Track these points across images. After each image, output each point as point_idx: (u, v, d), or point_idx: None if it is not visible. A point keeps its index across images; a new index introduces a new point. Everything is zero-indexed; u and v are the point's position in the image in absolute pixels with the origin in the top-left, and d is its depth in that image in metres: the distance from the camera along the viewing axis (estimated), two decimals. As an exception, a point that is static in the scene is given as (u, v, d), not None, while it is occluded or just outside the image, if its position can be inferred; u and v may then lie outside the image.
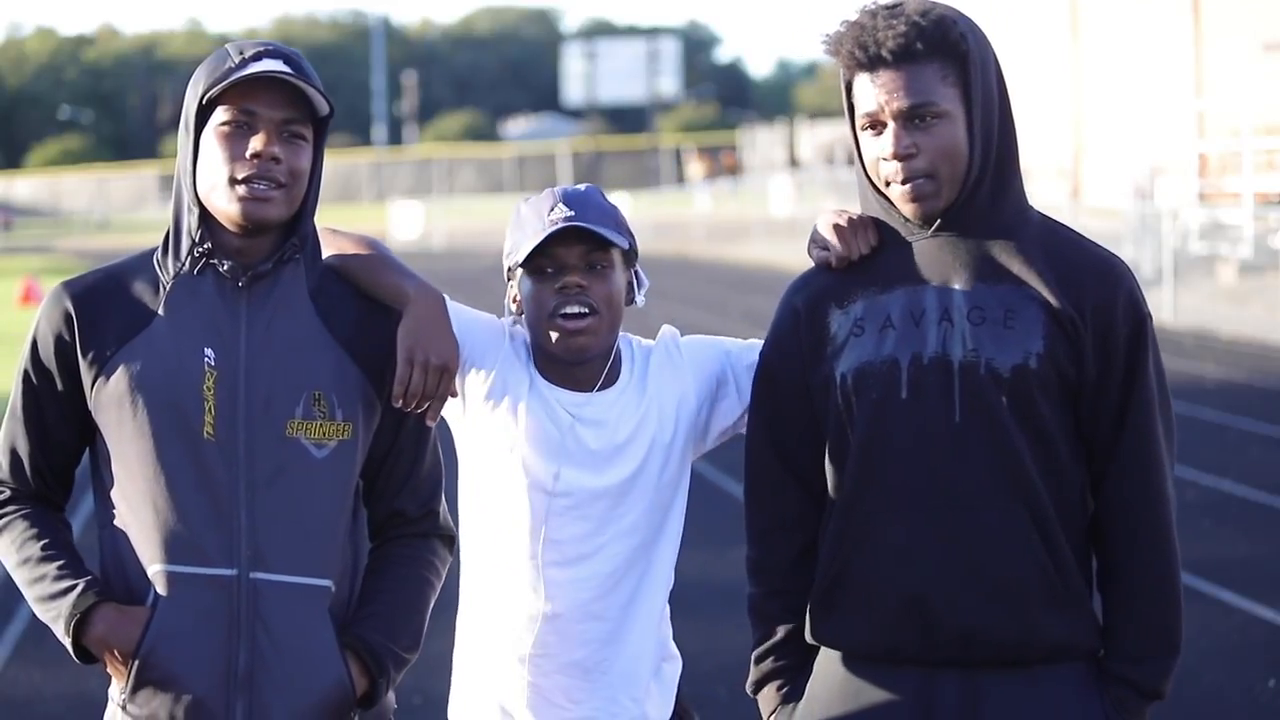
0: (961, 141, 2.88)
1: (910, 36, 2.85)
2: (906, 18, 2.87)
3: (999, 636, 2.87)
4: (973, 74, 2.88)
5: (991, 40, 2.97)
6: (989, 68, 2.91)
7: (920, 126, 2.86)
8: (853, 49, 2.89)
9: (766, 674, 3.05)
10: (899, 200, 2.90)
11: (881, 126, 2.89)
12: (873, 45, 2.87)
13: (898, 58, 2.86)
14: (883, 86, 2.87)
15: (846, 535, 2.93)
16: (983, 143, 2.89)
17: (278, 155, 2.87)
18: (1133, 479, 2.92)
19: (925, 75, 2.86)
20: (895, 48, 2.85)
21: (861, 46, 2.88)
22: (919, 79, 2.86)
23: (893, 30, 2.86)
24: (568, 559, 3.13)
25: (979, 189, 2.90)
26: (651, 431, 3.16)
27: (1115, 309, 2.90)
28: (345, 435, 2.93)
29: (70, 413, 2.95)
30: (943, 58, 2.86)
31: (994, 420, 2.86)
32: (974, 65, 2.88)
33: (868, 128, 2.90)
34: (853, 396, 2.91)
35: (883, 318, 2.92)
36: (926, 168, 2.87)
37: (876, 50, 2.86)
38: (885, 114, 2.87)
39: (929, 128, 2.86)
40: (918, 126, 2.86)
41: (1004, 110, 2.93)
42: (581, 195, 3.15)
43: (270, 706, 2.87)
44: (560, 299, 3.09)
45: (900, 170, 2.87)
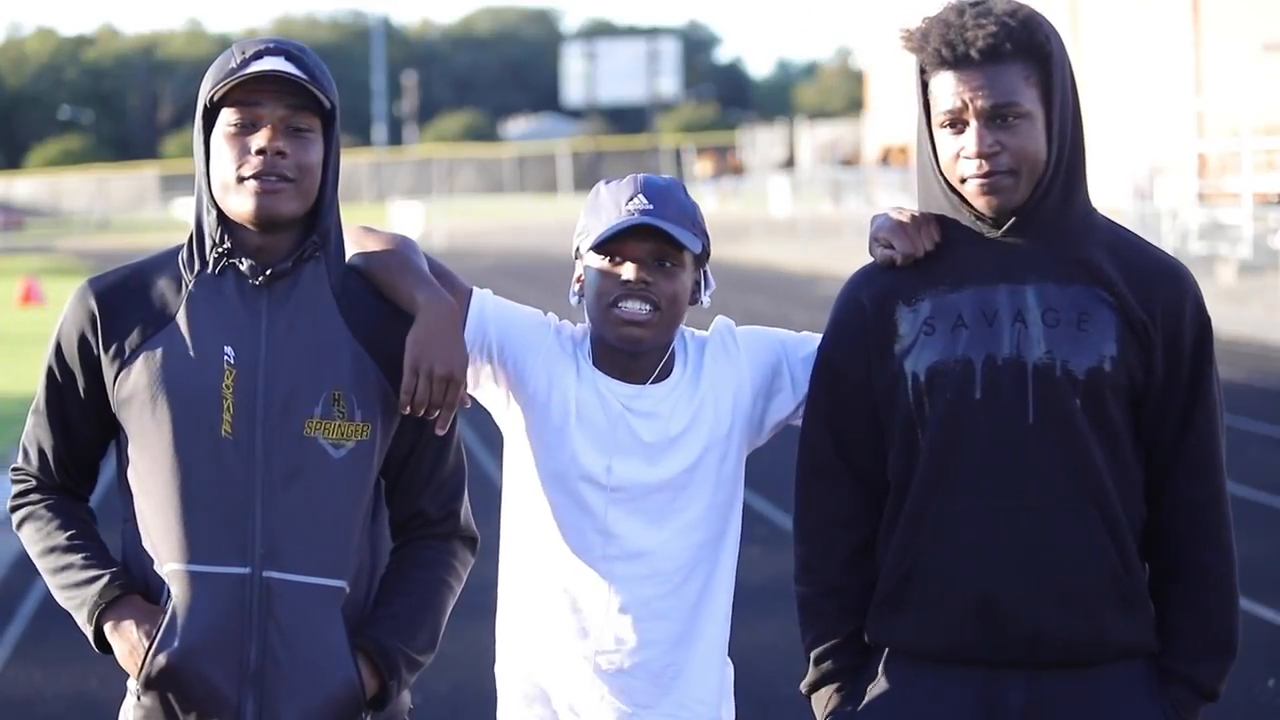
0: (1041, 142, 2.88)
1: (1000, 36, 2.85)
2: (996, 17, 2.86)
3: (1068, 638, 2.88)
4: (1055, 76, 2.88)
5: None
6: (1067, 70, 2.92)
7: (1003, 126, 2.86)
8: (939, 46, 2.87)
9: (826, 674, 3.02)
10: (974, 195, 2.89)
11: (963, 125, 2.88)
12: (961, 44, 2.86)
13: (985, 57, 2.85)
14: (968, 84, 2.86)
15: (917, 534, 2.92)
16: (1059, 144, 2.89)
17: (283, 150, 2.87)
18: (1198, 480, 2.94)
19: (1010, 75, 2.86)
20: (985, 47, 2.85)
21: (949, 44, 2.87)
22: (1004, 79, 2.85)
23: (983, 30, 2.85)
24: (628, 553, 3.10)
25: (1051, 190, 2.90)
26: (708, 424, 3.13)
27: (1184, 313, 2.92)
28: (364, 436, 2.93)
29: (93, 409, 2.97)
30: (1027, 58, 2.87)
31: (1068, 422, 2.87)
32: (1056, 67, 2.89)
33: (947, 125, 2.90)
34: (925, 396, 2.91)
35: (954, 317, 2.91)
36: (1009, 166, 2.86)
37: (965, 49, 2.85)
38: (969, 112, 2.87)
39: (1011, 127, 2.86)
40: (1000, 126, 2.86)
41: (1076, 113, 2.94)
42: (663, 189, 3.10)
43: (280, 704, 2.88)
44: (623, 291, 3.06)
45: (982, 167, 2.86)
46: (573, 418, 3.09)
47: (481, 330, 3.13)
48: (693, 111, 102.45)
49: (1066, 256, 2.91)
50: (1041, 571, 2.87)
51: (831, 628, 3.02)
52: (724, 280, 20.27)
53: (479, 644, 3.31)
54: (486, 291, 3.20)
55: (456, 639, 3.18)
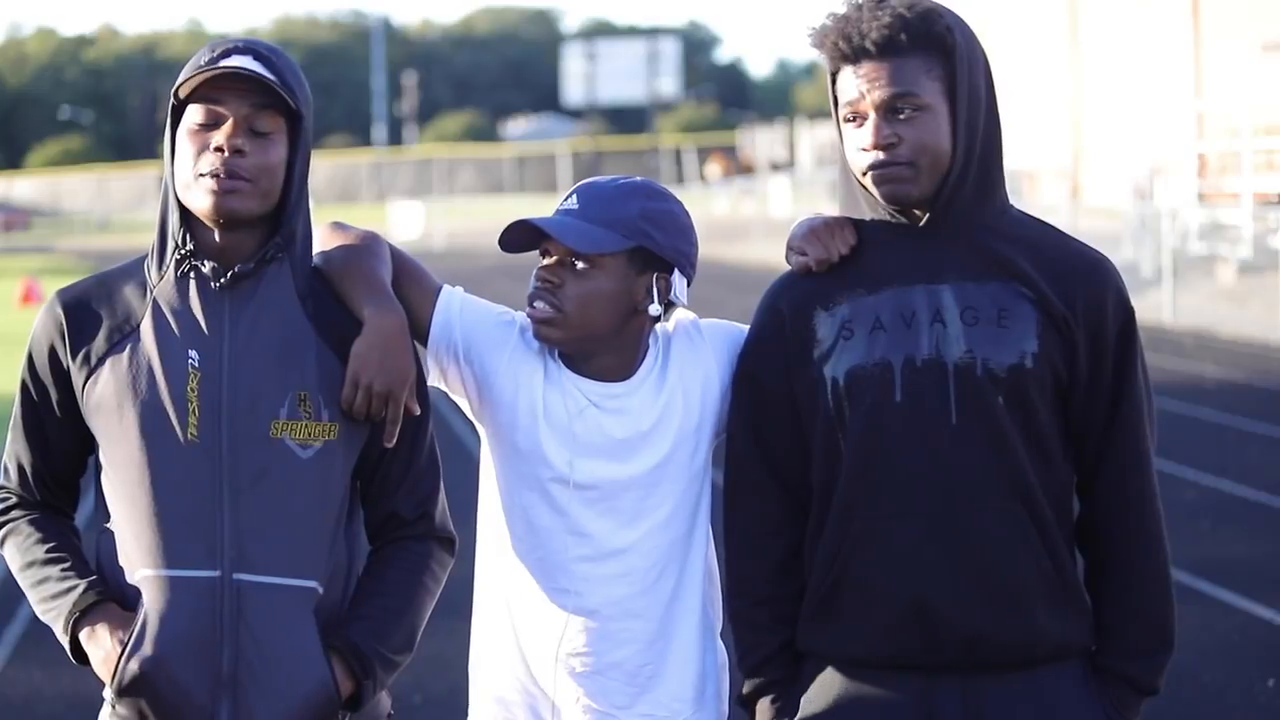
0: (944, 135, 2.86)
1: (895, 28, 2.85)
2: (892, 10, 2.86)
3: (1003, 639, 2.86)
4: (959, 69, 2.87)
5: (991, 41, 2.97)
6: (976, 65, 2.90)
7: (901, 118, 2.85)
8: (837, 40, 2.88)
9: (760, 687, 3.00)
10: (873, 185, 2.88)
11: (863, 118, 2.88)
12: (856, 36, 2.86)
13: (881, 49, 2.85)
14: (864, 77, 2.86)
15: (844, 541, 2.90)
16: (966, 139, 2.87)
17: (242, 148, 2.86)
18: (1127, 475, 2.92)
19: (908, 67, 2.85)
20: (879, 39, 2.85)
21: (845, 38, 2.87)
22: (901, 70, 2.85)
23: (877, 21, 2.85)
24: (600, 554, 3.08)
25: (962, 186, 2.88)
26: (677, 418, 3.10)
27: (1106, 306, 2.90)
28: (331, 435, 2.92)
29: (69, 421, 2.95)
30: (927, 51, 2.86)
31: (992, 421, 2.85)
32: (960, 60, 2.87)
33: (850, 119, 2.90)
34: (845, 400, 2.89)
35: (872, 319, 2.90)
36: (907, 157, 2.85)
37: (860, 41, 2.86)
38: (866, 104, 2.86)
39: (910, 119, 2.85)
40: (899, 119, 2.85)
41: (990, 109, 2.92)
42: (601, 191, 3.06)
43: (255, 707, 2.86)
44: (532, 289, 3.05)
45: (879, 158, 2.86)
46: (541, 418, 3.07)
47: (447, 331, 3.10)
48: (693, 111, 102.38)
49: (983, 254, 2.90)
50: (971, 573, 2.84)
51: (763, 638, 3.00)
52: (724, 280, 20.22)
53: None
54: (456, 290, 3.17)
55: (454, 640, 3.17)
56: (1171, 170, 27.35)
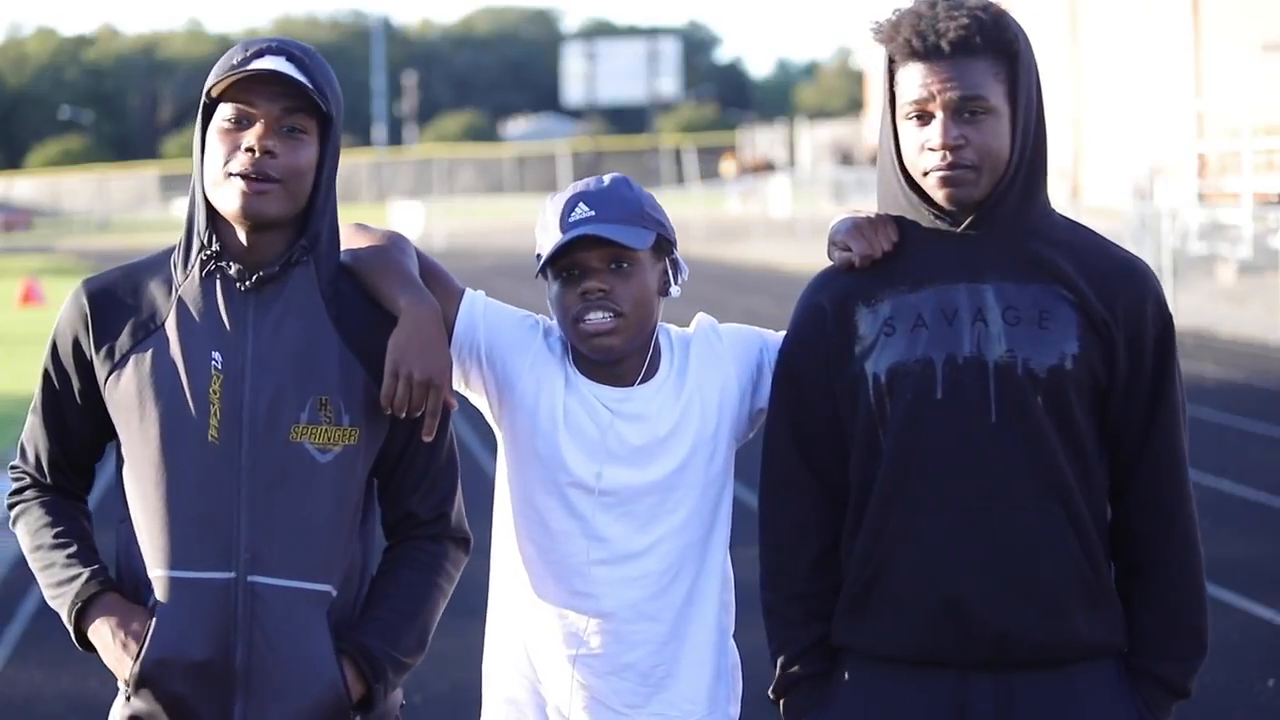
0: (1006, 139, 2.87)
1: (971, 29, 2.84)
2: (968, 10, 2.86)
3: (1036, 638, 2.87)
4: (1021, 74, 2.88)
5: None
6: (1033, 70, 2.91)
7: (968, 120, 2.85)
8: (910, 37, 2.87)
9: (794, 680, 3.01)
10: (935, 188, 2.88)
11: (929, 117, 2.87)
12: (932, 35, 2.85)
13: (955, 49, 2.85)
14: (936, 76, 2.85)
15: (882, 537, 2.90)
16: (1022, 143, 2.89)
17: (272, 149, 2.86)
18: (1164, 479, 2.94)
19: (978, 69, 2.85)
20: (955, 39, 2.84)
21: (920, 35, 2.86)
22: (973, 72, 2.85)
23: (954, 21, 2.85)
24: (616, 557, 3.09)
25: (1012, 188, 2.89)
26: (695, 423, 3.10)
27: (1145, 310, 2.92)
28: (351, 440, 2.92)
29: (88, 411, 2.97)
30: (996, 54, 2.86)
31: (1030, 421, 2.86)
32: (1023, 66, 2.88)
33: (913, 117, 2.88)
34: (886, 396, 2.89)
35: (914, 317, 2.90)
36: (972, 160, 2.85)
37: (936, 40, 2.85)
38: (935, 104, 2.86)
39: (977, 122, 2.85)
40: (966, 120, 2.85)
41: (1040, 114, 2.94)
42: (604, 192, 3.06)
43: (266, 709, 2.88)
44: (583, 304, 3.02)
45: (946, 159, 2.85)
46: (561, 423, 3.07)
47: (471, 332, 3.11)
48: (693, 111, 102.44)
49: (1026, 255, 2.90)
50: (1008, 571, 2.85)
51: (798, 633, 3.00)
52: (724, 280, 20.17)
53: (479, 644, 3.30)
54: (479, 293, 3.17)
55: (456, 639, 3.17)
56: (1171, 170, 27.35)
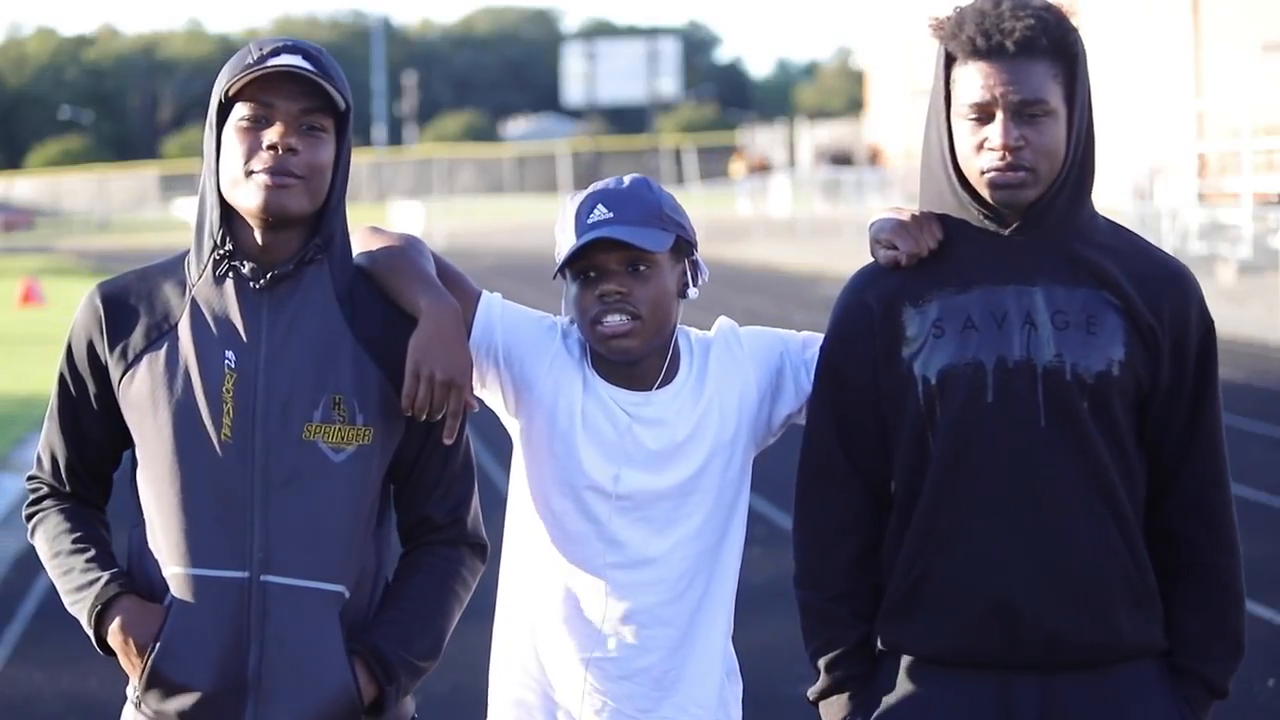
0: (1062, 141, 2.86)
1: (1037, 30, 2.83)
2: (1034, 11, 2.84)
3: (1083, 639, 2.87)
4: (1079, 76, 2.87)
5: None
6: (1087, 73, 2.90)
7: (1029, 121, 2.83)
8: (974, 35, 2.84)
9: (837, 682, 2.99)
10: (990, 188, 2.86)
11: (989, 117, 2.85)
12: (998, 34, 2.83)
13: (1020, 49, 2.83)
14: (999, 76, 2.83)
15: (930, 539, 2.90)
16: (1075, 146, 2.87)
17: (294, 147, 2.86)
18: (1207, 483, 2.94)
19: (1040, 71, 2.83)
20: (1021, 39, 2.82)
21: (985, 34, 2.83)
22: (1035, 74, 2.83)
23: (1020, 22, 2.83)
24: (632, 562, 3.08)
25: (1063, 191, 2.88)
26: (713, 429, 3.09)
27: (1189, 316, 2.91)
28: (365, 440, 2.92)
29: (104, 415, 2.97)
30: (1056, 56, 2.85)
31: (1078, 425, 2.85)
32: (1081, 68, 2.87)
33: (972, 117, 2.86)
34: (936, 399, 2.88)
35: (963, 319, 2.89)
36: (1031, 162, 2.84)
37: (1001, 39, 2.83)
38: (998, 105, 2.83)
39: (1037, 124, 2.83)
40: (1027, 121, 2.83)
41: (1091, 117, 2.92)
42: (624, 194, 3.04)
43: (278, 709, 2.88)
44: (601, 307, 3.01)
45: (1006, 159, 2.83)
46: (579, 426, 3.06)
47: (489, 334, 3.10)
48: (693, 111, 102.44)
49: (1073, 259, 2.90)
50: (1056, 573, 2.85)
51: (840, 634, 2.99)
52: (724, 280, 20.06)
53: (479, 645, 3.30)
54: (496, 295, 3.16)
55: (456, 639, 3.16)
56: (1171, 170, 27.35)
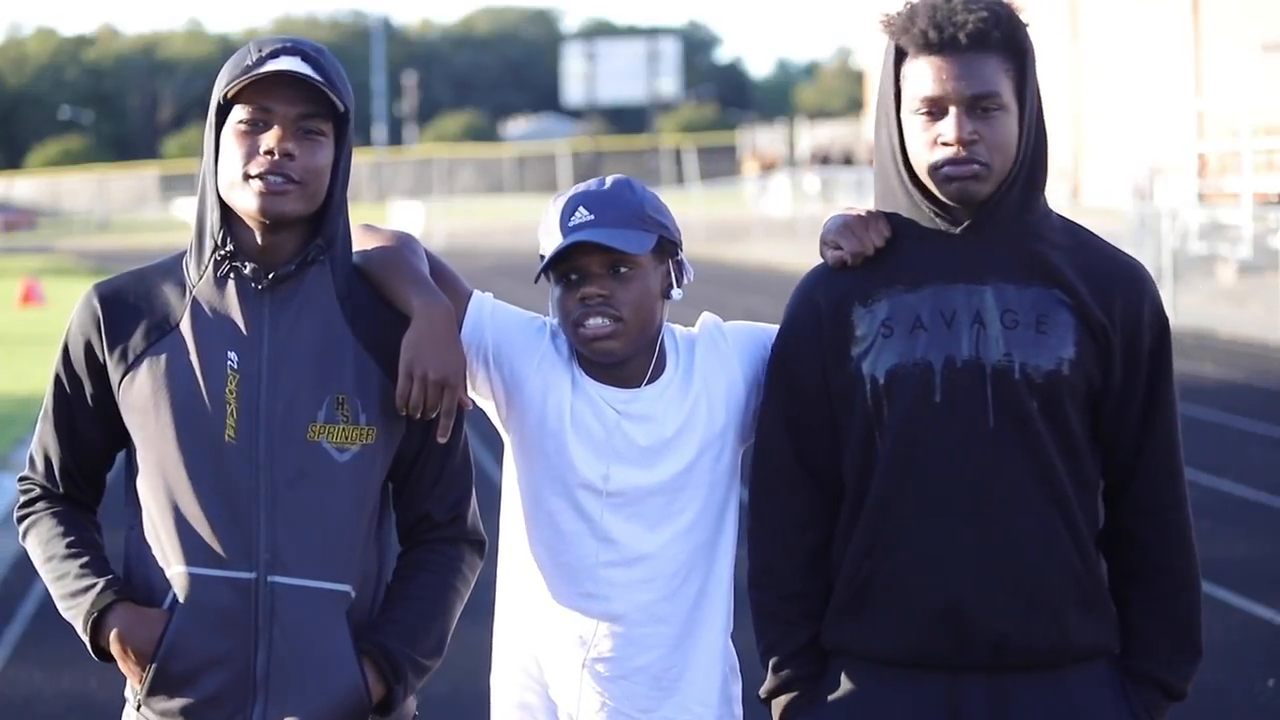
0: (1014, 136, 2.85)
1: (989, 24, 2.82)
2: (985, 5, 2.84)
3: (1031, 641, 2.86)
4: (1029, 73, 2.86)
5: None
6: (1036, 70, 2.90)
7: (981, 116, 2.83)
8: (926, 28, 2.83)
9: (785, 682, 2.99)
10: (943, 183, 2.85)
11: (941, 112, 2.84)
12: (950, 27, 2.82)
13: (972, 43, 2.82)
14: (951, 71, 2.82)
15: (878, 539, 2.89)
16: (1026, 142, 2.87)
17: (292, 151, 2.86)
18: (1162, 484, 2.93)
19: (992, 65, 2.83)
20: (974, 32, 2.82)
21: (937, 27, 2.83)
22: (987, 67, 2.82)
23: (973, 15, 2.82)
24: (625, 559, 3.08)
25: (1014, 188, 2.87)
26: (702, 423, 3.09)
27: (1142, 315, 2.90)
28: (368, 439, 2.92)
29: (100, 416, 2.96)
30: (1007, 51, 2.84)
31: (1027, 425, 2.84)
32: (1030, 64, 2.87)
33: (924, 112, 2.85)
34: (884, 399, 2.87)
35: (912, 318, 2.88)
36: (984, 157, 2.83)
37: (953, 33, 2.82)
38: (950, 99, 2.82)
39: (990, 118, 2.83)
40: (979, 115, 2.83)
41: (1041, 113, 2.92)
42: (605, 196, 3.04)
43: (287, 710, 2.87)
44: (583, 309, 3.02)
45: (959, 153, 2.82)
46: (568, 424, 3.07)
47: (479, 334, 3.10)
48: (693, 111, 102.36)
49: (1024, 257, 2.88)
50: (1006, 575, 2.84)
51: (790, 633, 2.99)
52: (724, 280, 20.12)
53: (480, 644, 3.31)
54: (487, 295, 3.17)
55: (457, 639, 3.16)
56: (1171, 170, 27.35)
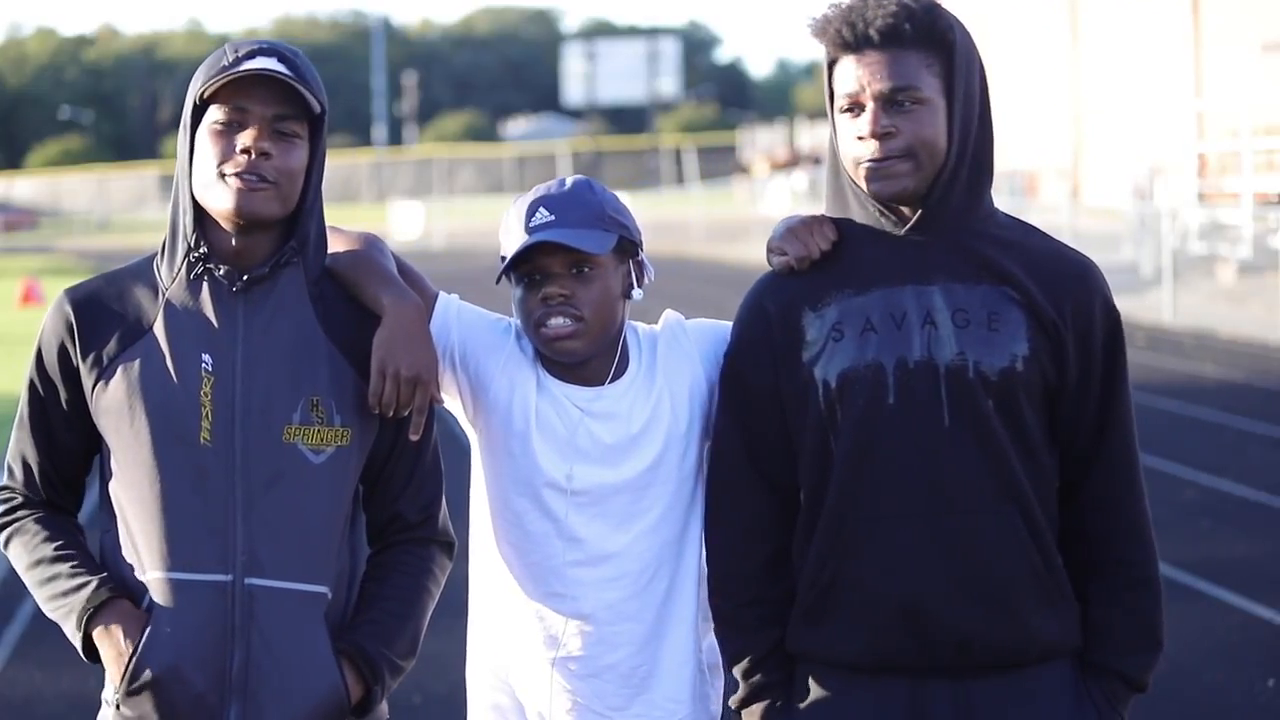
0: (940, 131, 2.85)
1: (900, 18, 2.84)
2: (898, 1, 2.86)
3: (995, 641, 2.85)
4: (957, 66, 2.86)
5: (991, 41, 2.97)
6: (973, 65, 2.89)
7: (900, 110, 2.84)
8: (840, 28, 2.86)
9: (756, 690, 2.98)
10: (867, 179, 2.86)
11: (860, 109, 2.86)
12: (861, 24, 2.85)
13: (885, 38, 2.84)
14: (866, 67, 2.85)
15: (837, 543, 2.88)
16: (960, 137, 2.86)
17: (268, 151, 2.85)
18: (1119, 478, 2.92)
19: (910, 60, 2.84)
20: (884, 27, 2.84)
21: (850, 25, 2.86)
22: (903, 63, 2.84)
23: (883, 10, 2.85)
24: (592, 558, 3.08)
25: (954, 186, 2.87)
26: (666, 420, 3.09)
27: (1093, 310, 2.90)
28: (343, 441, 2.92)
29: (76, 420, 2.95)
30: (928, 46, 2.85)
31: (983, 424, 2.84)
32: (959, 58, 2.86)
33: (847, 110, 2.88)
34: (837, 402, 2.87)
35: (862, 321, 2.88)
36: (903, 150, 2.83)
37: (865, 29, 2.84)
38: (866, 94, 2.85)
39: (909, 112, 2.83)
40: (898, 110, 2.84)
41: (984, 111, 2.91)
42: (565, 197, 3.05)
43: (265, 712, 2.86)
44: (544, 309, 3.03)
45: (876, 150, 2.84)
46: (533, 424, 3.07)
47: (445, 335, 3.11)
48: (693, 111, 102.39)
49: (972, 256, 2.88)
50: (965, 574, 2.83)
51: (754, 640, 2.97)
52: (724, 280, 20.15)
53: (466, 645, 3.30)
54: (453, 296, 3.18)
55: (456, 639, 3.17)
56: (1171, 170, 27.36)
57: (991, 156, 2.93)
